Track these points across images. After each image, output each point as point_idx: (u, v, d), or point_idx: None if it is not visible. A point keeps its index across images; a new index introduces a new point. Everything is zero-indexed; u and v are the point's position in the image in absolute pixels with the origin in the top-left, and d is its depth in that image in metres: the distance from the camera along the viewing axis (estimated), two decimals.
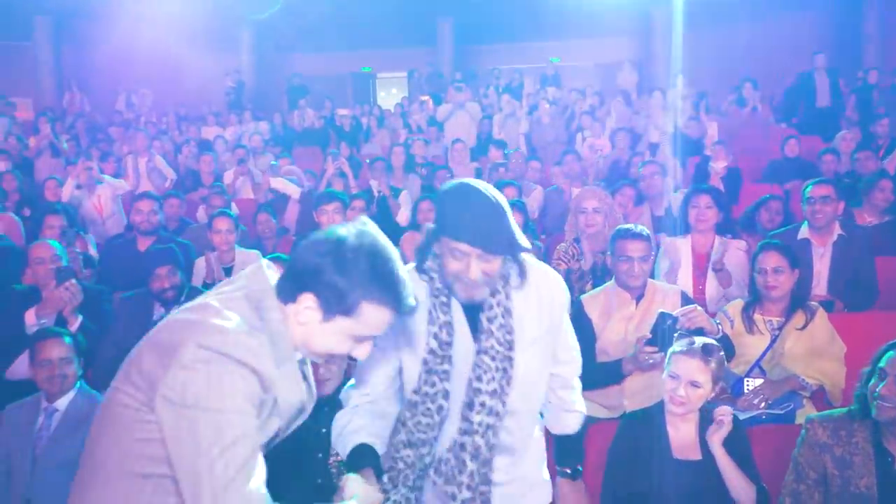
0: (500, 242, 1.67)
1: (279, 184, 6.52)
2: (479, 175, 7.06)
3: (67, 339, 2.92)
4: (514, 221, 1.71)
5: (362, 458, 1.71)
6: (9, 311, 3.80)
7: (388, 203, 6.13)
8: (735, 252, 3.80)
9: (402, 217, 6.18)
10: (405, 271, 1.46)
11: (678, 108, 8.00)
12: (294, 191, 6.47)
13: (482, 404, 1.75)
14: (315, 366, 2.51)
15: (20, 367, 3.56)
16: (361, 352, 1.47)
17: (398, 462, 1.79)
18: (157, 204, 5.03)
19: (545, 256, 4.57)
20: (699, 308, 2.77)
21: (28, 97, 14.23)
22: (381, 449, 1.77)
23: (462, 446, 1.76)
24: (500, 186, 5.27)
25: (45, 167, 8.05)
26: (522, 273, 1.79)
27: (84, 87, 13.55)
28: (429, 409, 1.77)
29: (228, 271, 4.38)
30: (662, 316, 2.67)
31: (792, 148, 6.89)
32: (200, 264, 4.54)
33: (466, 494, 1.76)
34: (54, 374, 2.85)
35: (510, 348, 1.77)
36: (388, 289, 1.40)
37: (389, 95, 17.12)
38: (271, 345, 1.37)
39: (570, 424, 2.03)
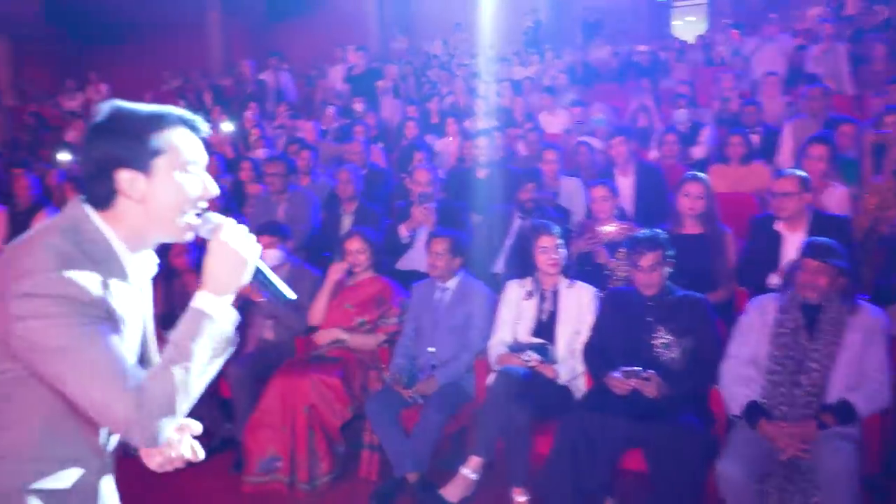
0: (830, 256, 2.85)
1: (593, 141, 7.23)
2: (790, 106, 7.06)
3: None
4: None
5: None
6: (391, 223, 5.07)
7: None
8: None
9: (699, 152, 6.53)
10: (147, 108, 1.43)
11: None
12: (598, 144, 7.13)
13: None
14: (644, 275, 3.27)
15: (405, 261, 4.81)
16: (209, 183, 1.45)
17: None
18: (491, 139, 6.00)
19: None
20: None
21: (353, 44, 16.33)
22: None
23: None
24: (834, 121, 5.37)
25: (388, 107, 9.59)
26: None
27: (405, 33, 15.24)
28: None
29: (556, 195, 5.21)
30: None
31: None
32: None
33: None
34: (430, 263, 3.87)
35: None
36: (159, 112, 1.40)
37: (686, 25, 16.67)
38: (90, 260, 1.33)
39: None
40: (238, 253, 1.39)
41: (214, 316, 1.36)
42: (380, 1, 15.93)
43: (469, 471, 3.33)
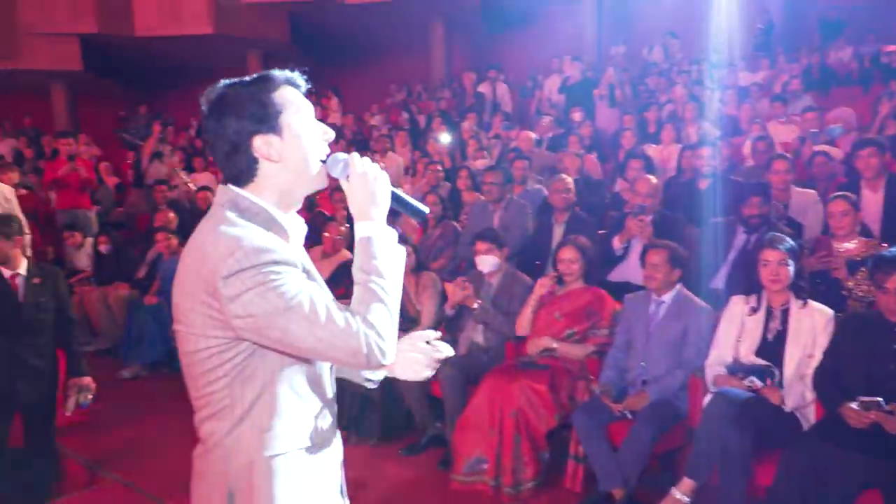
0: None
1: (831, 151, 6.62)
2: None
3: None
4: None
5: None
6: (604, 234, 5.01)
7: None
8: None
9: None
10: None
11: None
12: (837, 153, 6.51)
13: None
14: None
15: (618, 273, 4.73)
16: (324, 126, 1.53)
17: None
18: (714, 149, 5.70)
19: None
20: None
21: (569, 55, 16.27)
22: None
23: None
24: None
25: (604, 116, 9.48)
26: None
27: (624, 42, 14.92)
28: None
29: (786, 207, 4.84)
30: None
31: None
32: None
33: None
34: (648, 275, 3.75)
35: None
36: (262, 78, 1.48)
37: None
38: (261, 228, 1.44)
39: None
40: (373, 178, 1.49)
41: (377, 236, 1.46)
42: (598, 11, 15.76)
43: (681, 493, 3.18)
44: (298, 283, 1.37)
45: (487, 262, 4.33)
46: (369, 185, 1.49)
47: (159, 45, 15.64)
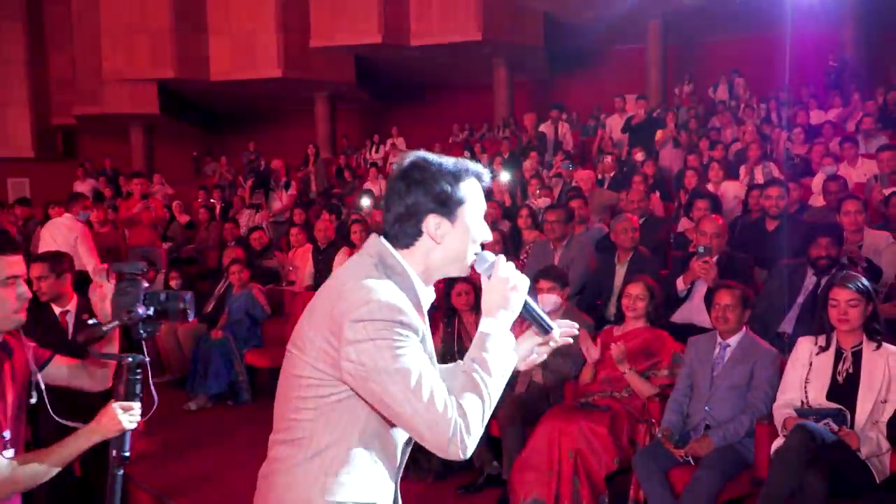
0: None
1: None
2: None
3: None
4: None
5: None
6: (667, 274, 4.91)
7: None
8: None
9: None
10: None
11: None
12: None
13: None
14: None
15: (681, 314, 4.63)
16: (487, 236, 1.62)
17: None
18: (784, 189, 5.53)
19: None
20: None
21: (632, 94, 16.12)
22: None
23: None
24: None
25: (667, 155, 9.38)
26: None
27: (689, 80, 14.77)
28: None
29: (859, 249, 4.68)
30: None
31: None
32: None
33: None
34: (720, 316, 3.65)
35: None
36: (459, 166, 1.58)
37: None
38: (400, 289, 1.51)
39: None
40: (512, 286, 1.56)
41: (496, 336, 1.53)
42: (662, 49, 15.68)
43: None
44: (415, 352, 1.45)
45: (549, 300, 4.30)
46: (506, 290, 1.56)
47: (231, 89, 16.31)
